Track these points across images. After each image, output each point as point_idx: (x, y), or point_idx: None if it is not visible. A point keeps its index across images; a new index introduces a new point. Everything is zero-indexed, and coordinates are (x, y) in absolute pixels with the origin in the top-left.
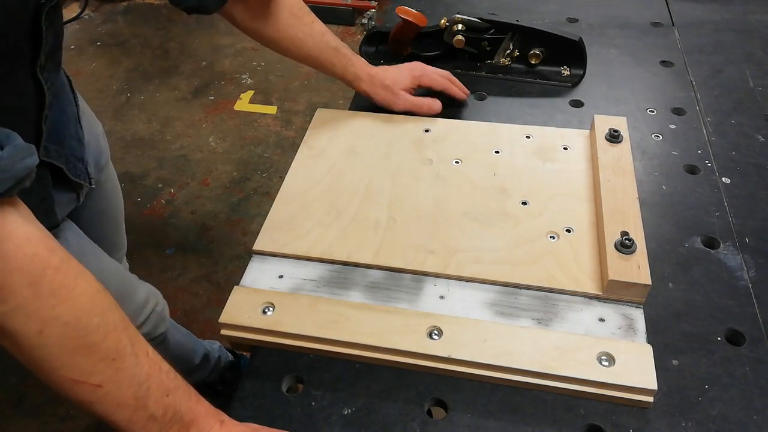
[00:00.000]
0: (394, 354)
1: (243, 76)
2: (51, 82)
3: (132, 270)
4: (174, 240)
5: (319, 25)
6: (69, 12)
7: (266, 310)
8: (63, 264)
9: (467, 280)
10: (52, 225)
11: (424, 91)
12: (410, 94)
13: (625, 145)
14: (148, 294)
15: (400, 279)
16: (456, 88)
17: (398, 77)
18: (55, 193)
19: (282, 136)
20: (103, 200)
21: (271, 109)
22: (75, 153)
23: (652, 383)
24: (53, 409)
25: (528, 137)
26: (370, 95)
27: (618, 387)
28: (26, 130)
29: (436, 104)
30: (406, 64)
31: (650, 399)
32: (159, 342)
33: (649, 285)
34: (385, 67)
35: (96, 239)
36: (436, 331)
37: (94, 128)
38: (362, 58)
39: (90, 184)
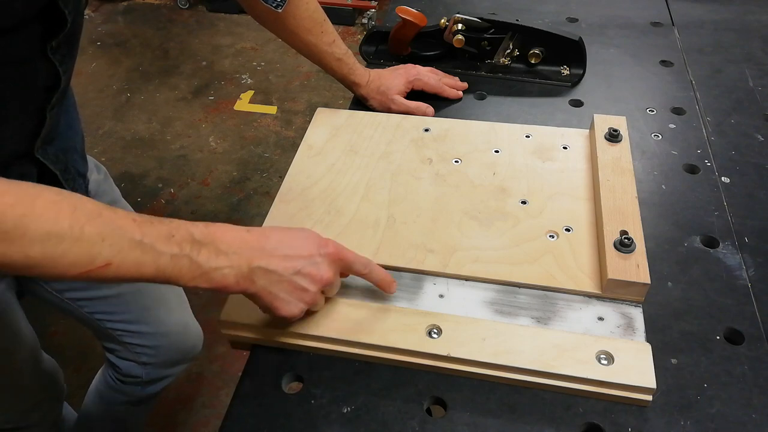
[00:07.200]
0: (393, 352)
1: (243, 76)
2: (65, 66)
3: None
4: None
5: (328, 36)
6: None
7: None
8: (17, 198)
9: (467, 278)
10: None
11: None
12: (405, 97)
13: (625, 145)
14: (52, 370)
15: (399, 278)
16: (449, 90)
17: (393, 82)
18: None
19: (282, 136)
20: None
21: (271, 109)
22: (78, 167)
23: (651, 382)
24: None
25: (528, 137)
26: (367, 100)
27: (617, 386)
28: (29, 112)
29: (429, 110)
30: (401, 67)
31: (649, 397)
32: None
33: (648, 284)
34: (380, 71)
35: None
36: (435, 330)
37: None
38: (363, 66)
39: None
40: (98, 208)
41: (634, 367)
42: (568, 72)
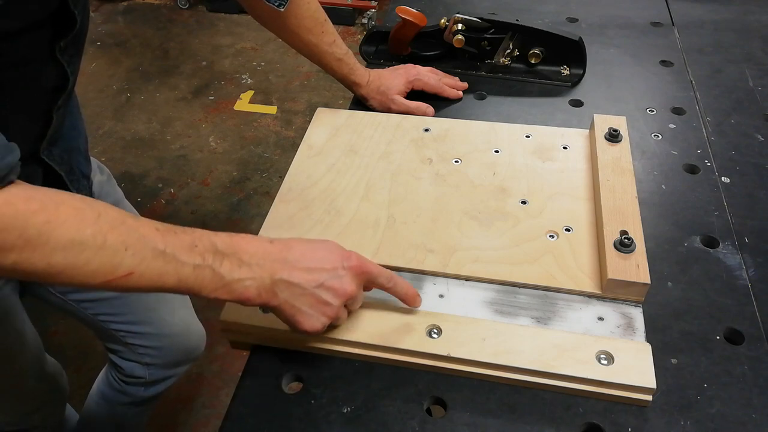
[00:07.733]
0: (393, 352)
1: (243, 76)
2: (73, 66)
3: None
4: None
5: (328, 36)
6: None
7: (266, 309)
8: (42, 205)
9: (466, 278)
10: None
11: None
12: (405, 97)
13: (625, 145)
14: (54, 371)
15: None
16: (449, 89)
17: (393, 82)
18: None
19: (282, 136)
20: None
21: (271, 109)
22: (82, 168)
23: (650, 382)
24: None
25: (528, 137)
26: (367, 100)
27: (617, 386)
28: (35, 113)
29: (429, 110)
30: (401, 67)
31: (649, 397)
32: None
33: (648, 284)
34: (380, 71)
35: None
36: (435, 330)
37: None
38: (363, 66)
39: None
40: (122, 216)
41: (634, 367)
42: (568, 72)
